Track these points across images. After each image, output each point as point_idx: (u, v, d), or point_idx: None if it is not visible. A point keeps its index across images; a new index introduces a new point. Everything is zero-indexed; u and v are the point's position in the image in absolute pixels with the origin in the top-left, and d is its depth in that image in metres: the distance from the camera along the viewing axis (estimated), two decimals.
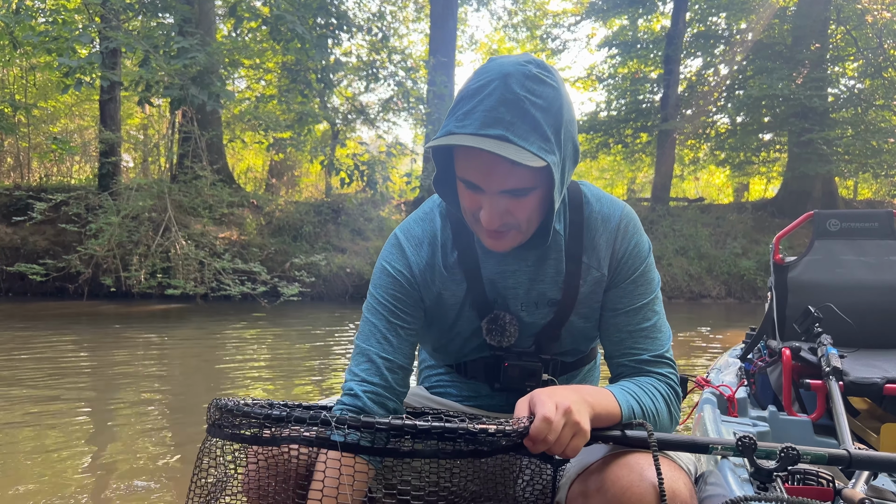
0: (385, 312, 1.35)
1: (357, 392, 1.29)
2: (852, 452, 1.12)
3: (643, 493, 1.08)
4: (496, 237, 1.23)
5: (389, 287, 1.36)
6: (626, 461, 1.14)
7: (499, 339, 1.38)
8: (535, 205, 1.21)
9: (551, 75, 1.17)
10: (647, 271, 1.35)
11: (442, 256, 1.37)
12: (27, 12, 9.08)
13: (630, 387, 1.26)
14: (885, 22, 15.46)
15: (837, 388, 1.95)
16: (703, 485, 1.44)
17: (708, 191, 24.54)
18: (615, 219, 1.35)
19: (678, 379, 1.32)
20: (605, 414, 1.16)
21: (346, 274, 11.83)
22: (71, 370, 5.25)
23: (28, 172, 15.66)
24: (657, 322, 1.34)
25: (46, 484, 2.73)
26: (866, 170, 16.31)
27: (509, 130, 1.10)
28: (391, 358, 1.33)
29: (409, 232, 1.40)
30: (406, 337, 1.36)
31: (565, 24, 20.89)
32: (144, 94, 9.49)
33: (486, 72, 1.16)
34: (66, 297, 10.52)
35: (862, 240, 2.84)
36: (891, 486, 1.52)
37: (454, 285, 1.37)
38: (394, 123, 19.20)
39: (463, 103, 1.15)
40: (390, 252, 1.40)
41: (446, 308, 1.40)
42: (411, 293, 1.36)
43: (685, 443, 1.13)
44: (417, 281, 1.36)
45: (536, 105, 1.12)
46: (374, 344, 1.33)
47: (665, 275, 13.37)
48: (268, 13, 9.94)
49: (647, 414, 1.23)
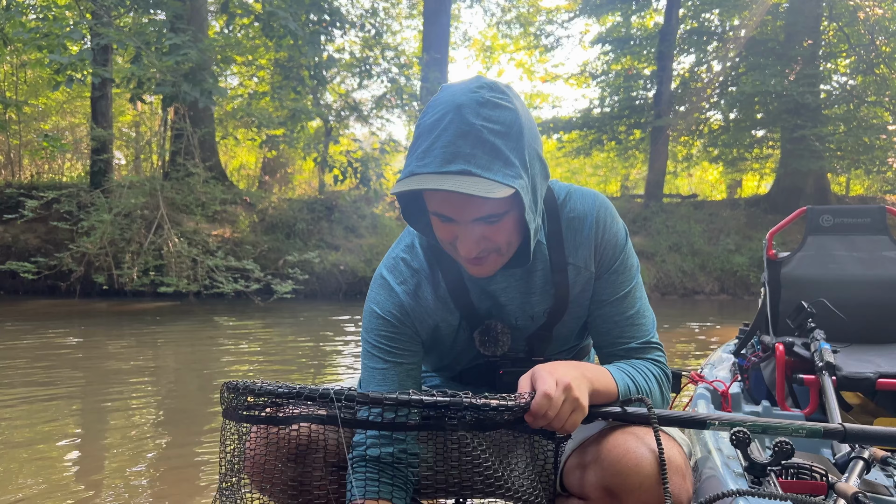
0: (381, 354, 1.34)
1: (374, 455, 1.29)
2: (847, 426, 1.13)
3: (640, 457, 1.10)
4: (477, 263, 1.21)
5: (381, 329, 1.34)
6: (624, 431, 1.17)
7: (492, 350, 1.38)
8: (512, 226, 1.20)
9: (505, 96, 1.14)
10: (626, 258, 1.36)
11: (432, 289, 1.35)
12: (17, 8, 9.02)
13: (625, 367, 1.28)
14: (876, 18, 15.51)
15: (830, 383, 1.96)
16: (698, 474, 1.44)
17: (701, 187, 24.59)
18: (592, 214, 1.34)
19: (666, 361, 1.35)
20: (603, 391, 1.18)
21: (340, 271, 11.81)
22: (63, 368, 5.22)
23: (19, 170, 15.55)
24: (640, 308, 1.35)
25: (39, 481, 2.71)
26: (858, 166, 16.37)
27: (471, 163, 1.08)
28: None
29: (394, 269, 1.37)
30: (408, 372, 1.36)
31: (559, 20, 20.88)
32: (136, 90, 9.44)
33: (439, 104, 1.13)
34: (58, 295, 10.46)
35: (854, 235, 2.84)
36: (883, 480, 1.52)
37: (448, 315, 1.37)
38: (387, 120, 19.11)
39: (421, 140, 1.13)
40: (378, 293, 1.37)
41: (443, 336, 1.40)
42: (404, 331, 1.35)
43: (684, 418, 1.15)
44: (410, 318, 1.35)
45: (494, 132, 1.10)
46: (374, 388, 1.32)
47: (658, 271, 13.40)
48: (260, 9, 9.90)
49: (641, 392, 1.25)
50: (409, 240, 1.39)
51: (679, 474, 1.10)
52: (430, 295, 1.35)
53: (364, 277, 11.54)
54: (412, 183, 1.09)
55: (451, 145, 1.08)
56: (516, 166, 1.11)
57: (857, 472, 1.26)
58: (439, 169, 1.08)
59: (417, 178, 1.09)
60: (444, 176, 1.07)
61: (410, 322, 1.35)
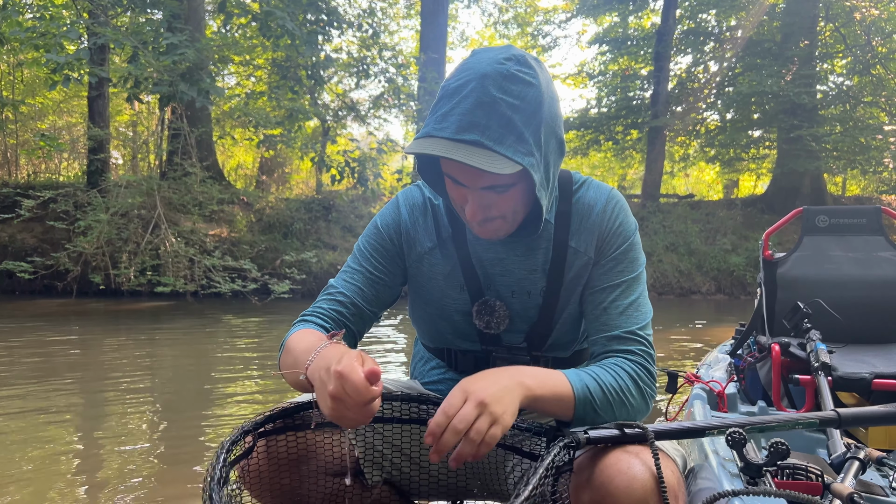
0: (360, 258, 1.43)
1: (316, 317, 1.38)
2: (841, 412, 1.15)
3: (632, 478, 1.05)
4: (482, 225, 1.25)
5: (373, 238, 1.44)
6: (618, 449, 1.12)
7: (487, 321, 1.38)
8: (519, 197, 1.22)
9: (531, 71, 1.16)
10: (629, 250, 1.34)
11: (436, 226, 1.41)
12: (14, 8, 9.00)
13: (590, 368, 1.23)
14: (873, 19, 15.55)
15: (826, 384, 1.97)
16: (694, 479, 1.44)
17: (698, 187, 24.64)
18: (602, 201, 1.36)
19: (651, 357, 1.29)
20: (549, 395, 1.14)
21: (337, 271, 11.76)
22: (60, 368, 5.21)
23: (16, 169, 15.51)
24: (635, 301, 1.32)
25: (36, 482, 2.71)
26: (855, 166, 16.40)
27: (484, 135, 1.11)
28: (360, 303, 1.40)
29: (409, 194, 1.46)
30: (379, 288, 1.42)
31: (556, 20, 20.92)
32: (133, 90, 9.41)
33: (466, 70, 1.16)
34: (55, 294, 10.44)
35: (850, 236, 2.85)
36: (879, 481, 1.53)
37: (443, 258, 1.40)
38: (384, 120, 19.18)
39: (443, 102, 1.16)
40: (386, 209, 1.47)
41: (431, 277, 1.42)
42: (391, 248, 1.43)
43: (679, 430, 1.14)
44: (402, 238, 1.43)
45: (513, 106, 1.12)
46: (343, 285, 1.41)
47: (655, 271, 13.42)
48: (257, 9, 9.89)
49: (607, 391, 1.19)
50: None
51: (672, 496, 1.06)
52: (432, 228, 1.42)
53: None
54: (426, 145, 1.13)
55: (468, 114, 1.12)
56: (528, 143, 1.14)
57: (852, 472, 1.27)
58: (453, 136, 1.12)
59: (432, 141, 1.13)
60: (456, 144, 1.11)
61: (399, 242, 1.43)
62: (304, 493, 1.28)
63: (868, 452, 1.34)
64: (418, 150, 1.13)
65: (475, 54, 1.19)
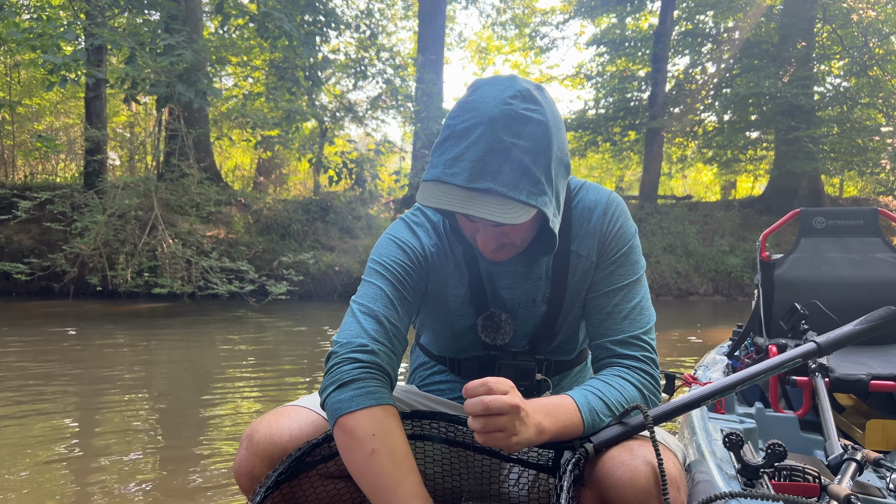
0: (391, 279, 1.31)
1: (374, 349, 1.23)
2: (820, 341, 1.22)
3: (634, 470, 1.08)
4: (494, 252, 1.26)
5: (398, 256, 1.33)
6: (619, 444, 1.15)
7: (493, 337, 1.38)
8: (530, 226, 1.24)
9: (538, 107, 1.15)
10: (630, 253, 1.35)
11: (450, 246, 1.38)
12: (11, 8, 8.98)
13: (595, 386, 1.23)
14: (870, 20, 15.58)
15: (823, 385, 1.97)
16: (691, 476, 1.44)
17: (696, 188, 24.65)
18: (602, 204, 1.36)
19: (655, 363, 1.29)
20: (560, 430, 1.14)
21: (335, 272, 11.79)
22: (57, 369, 5.20)
23: (12, 170, 15.48)
24: (637, 305, 1.32)
25: (33, 483, 2.70)
26: (852, 167, 16.43)
27: (496, 181, 1.10)
28: (398, 325, 1.28)
29: (415, 218, 1.40)
30: (405, 313, 1.32)
31: (554, 21, 20.92)
32: (130, 91, 9.40)
33: (472, 110, 1.14)
34: (52, 296, 10.42)
35: (847, 237, 2.86)
36: (876, 482, 1.53)
37: (459, 277, 1.38)
38: (382, 121, 19.19)
39: (450, 144, 1.14)
40: (400, 229, 1.38)
41: (448, 299, 1.40)
42: (418, 270, 1.34)
43: (673, 408, 1.16)
44: (428, 262, 1.36)
45: (523, 149, 1.12)
46: (381, 307, 1.28)
47: (653, 272, 13.42)
48: (255, 10, 9.88)
49: (614, 409, 1.20)
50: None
51: (674, 486, 1.08)
52: (448, 249, 1.38)
53: (359, 278, 11.49)
54: (439, 194, 1.13)
55: (480, 160, 1.11)
56: (541, 182, 1.14)
57: (849, 473, 1.27)
58: (466, 184, 1.11)
59: (445, 188, 1.12)
60: (470, 193, 1.11)
61: (424, 266, 1.36)
62: (302, 495, 1.28)
63: (865, 454, 1.34)
64: (434, 204, 1.12)
65: (478, 91, 1.17)
